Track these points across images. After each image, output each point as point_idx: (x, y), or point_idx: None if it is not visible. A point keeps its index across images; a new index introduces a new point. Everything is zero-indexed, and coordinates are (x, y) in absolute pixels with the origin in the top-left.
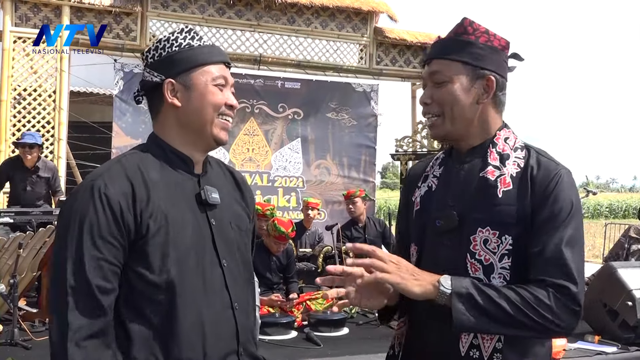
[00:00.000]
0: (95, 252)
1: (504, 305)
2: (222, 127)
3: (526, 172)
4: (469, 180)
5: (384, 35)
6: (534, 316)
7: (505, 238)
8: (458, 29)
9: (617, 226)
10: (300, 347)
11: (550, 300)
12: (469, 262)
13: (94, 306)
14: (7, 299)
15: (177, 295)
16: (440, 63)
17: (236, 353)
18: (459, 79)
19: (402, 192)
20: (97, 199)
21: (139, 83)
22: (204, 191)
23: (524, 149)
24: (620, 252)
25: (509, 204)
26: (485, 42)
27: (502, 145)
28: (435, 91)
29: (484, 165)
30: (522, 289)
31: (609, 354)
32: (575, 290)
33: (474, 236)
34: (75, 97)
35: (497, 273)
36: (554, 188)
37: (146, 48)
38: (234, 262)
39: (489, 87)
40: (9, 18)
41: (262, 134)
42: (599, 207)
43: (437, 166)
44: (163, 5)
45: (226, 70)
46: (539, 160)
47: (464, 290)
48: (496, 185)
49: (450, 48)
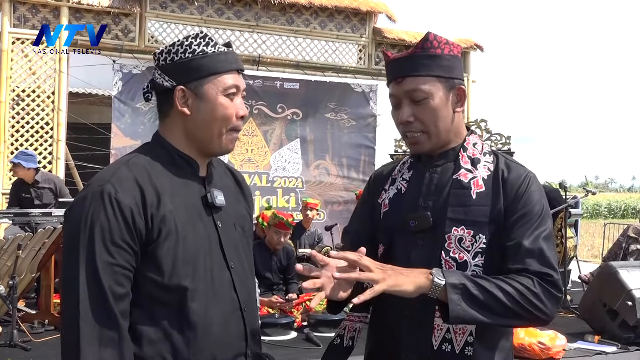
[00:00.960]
0: (108, 258)
1: (498, 294)
2: (231, 140)
3: (497, 174)
4: (442, 182)
5: (382, 35)
6: (525, 304)
7: (479, 237)
8: (424, 44)
9: (616, 226)
10: (300, 348)
11: (536, 287)
12: (443, 260)
13: (108, 313)
14: (6, 300)
15: (187, 298)
16: (415, 80)
17: (244, 355)
18: (437, 94)
19: (365, 195)
20: (108, 204)
21: (148, 81)
22: (210, 194)
23: (492, 154)
24: (618, 251)
25: (482, 204)
26: (449, 53)
27: (472, 150)
28: (415, 109)
29: (456, 168)
30: (509, 278)
31: (608, 354)
32: (557, 276)
33: (449, 234)
34: (73, 98)
35: (470, 270)
36: (526, 189)
37: (159, 49)
38: (240, 264)
39: (460, 96)
40: (7, 19)
41: (261, 135)
42: (598, 207)
43: (406, 170)
44: (162, 6)
45: (239, 78)
46: (507, 164)
47: (458, 281)
48: (470, 187)
49: (422, 64)
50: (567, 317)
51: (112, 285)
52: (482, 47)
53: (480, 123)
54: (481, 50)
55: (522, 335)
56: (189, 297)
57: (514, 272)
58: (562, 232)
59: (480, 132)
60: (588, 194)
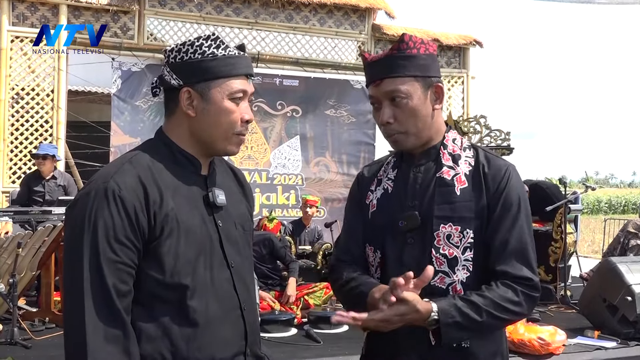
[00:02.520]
0: (112, 255)
1: (484, 319)
2: (236, 143)
3: (478, 169)
4: (426, 181)
5: (381, 32)
6: (509, 316)
7: (467, 232)
8: (401, 45)
9: (617, 222)
10: (300, 345)
11: (519, 296)
12: (434, 257)
13: (112, 310)
14: (6, 298)
15: (187, 296)
16: (393, 81)
17: (243, 354)
18: (416, 93)
19: (354, 196)
20: (112, 201)
21: (157, 77)
22: (211, 193)
23: (471, 148)
24: (616, 246)
25: (467, 200)
26: (425, 52)
27: (452, 146)
28: (395, 110)
29: (438, 166)
30: (493, 292)
31: (608, 349)
32: (536, 279)
33: (437, 232)
34: (73, 96)
35: (461, 265)
36: (507, 183)
37: (170, 46)
38: (241, 263)
39: (438, 93)
40: (6, 17)
41: (260, 132)
42: (598, 203)
43: (391, 169)
44: (160, 4)
45: (247, 83)
46: (487, 157)
47: (451, 320)
48: (453, 184)
49: (399, 65)
50: (567, 313)
51: (116, 282)
52: (482, 43)
53: (480, 119)
54: (480, 46)
55: (521, 331)
56: (189, 295)
57: (498, 275)
58: (562, 228)
59: (480, 128)
60: (588, 190)
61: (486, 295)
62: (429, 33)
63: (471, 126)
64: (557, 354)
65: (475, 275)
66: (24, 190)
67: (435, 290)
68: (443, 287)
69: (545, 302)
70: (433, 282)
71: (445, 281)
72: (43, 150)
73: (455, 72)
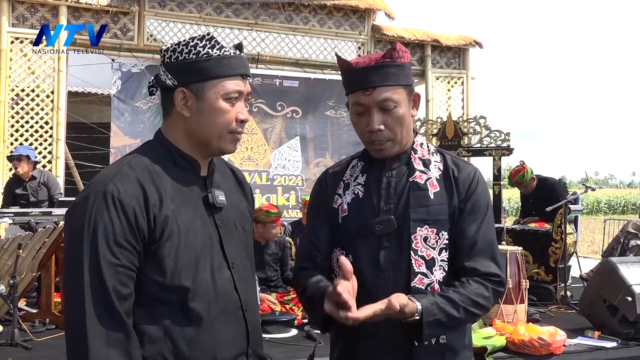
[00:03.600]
0: (112, 259)
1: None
2: (231, 141)
3: (448, 173)
4: (400, 185)
5: (381, 32)
6: (479, 311)
7: (442, 234)
8: (392, 53)
9: (616, 222)
10: (301, 345)
11: (489, 291)
12: (413, 259)
13: (113, 313)
14: (7, 299)
15: (188, 298)
16: (386, 90)
17: (245, 354)
18: (403, 102)
19: (319, 199)
20: (111, 205)
21: (154, 76)
22: (211, 194)
23: (438, 152)
24: (616, 246)
25: (440, 203)
26: (408, 61)
27: (421, 151)
28: (385, 117)
29: (410, 171)
30: (467, 288)
31: (608, 349)
32: (502, 275)
33: (414, 235)
34: (73, 97)
35: (438, 265)
36: (476, 187)
37: (165, 46)
38: (242, 264)
39: (415, 101)
40: (6, 19)
41: (260, 133)
42: (598, 203)
43: (359, 174)
44: (160, 5)
45: (242, 83)
46: (455, 162)
47: (432, 318)
48: (427, 187)
49: (392, 74)
50: (567, 313)
51: (116, 285)
52: (481, 43)
53: (480, 120)
54: (480, 46)
55: (522, 331)
56: (190, 296)
57: (468, 271)
58: (562, 228)
59: (480, 129)
60: (587, 190)
61: (461, 291)
62: (428, 34)
63: (471, 127)
64: (557, 354)
65: (450, 275)
66: (6, 194)
67: (415, 291)
68: (422, 288)
69: (546, 302)
70: (413, 283)
71: (424, 282)
72: (17, 152)
73: (455, 73)
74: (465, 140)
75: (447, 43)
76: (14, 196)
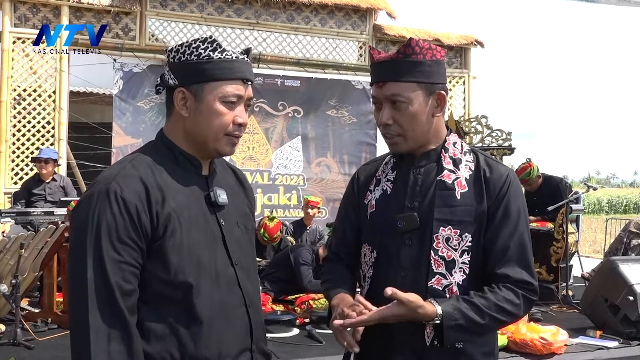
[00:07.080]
0: (115, 255)
1: (486, 321)
2: (227, 143)
3: (479, 174)
4: (426, 183)
5: (383, 32)
6: (507, 318)
7: (466, 236)
8: (407, 49)
9: (618, 221)
10: (302, 345)
11: (519, 299)
12: (432, 259)
13: (116, 310)
14: (9, 299)
15: (192, 295)
16: (396, 85)
17: (250, 350)
18: (417, 99)
19: (351, 195)
20: (114, 202)
21: (160, 75)
22: (213, 192)
23: (471, 152)
24: (619, 246)
25: (467, 204)
26: (432, 58)
27: (453, 150)
28: (395, 113)
29: (439, 169)
30: (496, 295)
31: (610, 349)
32: (535, 284)
33: (437, 235)
34: (74, 97)
35: (458, 268)
36: (508, 189)
37: (170, 47)
38: (245, 261)
39: (440, 101)
40: (7, 19)
41: (262, 132)
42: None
43: (390, 170)
44: (162, 5)
45: (243, 87)
46: (488, 162)
47: (454, 322)
48: (454, 187)
49: (404, 70)
50: (569, 313)
51: (120, 281)
52: (483, 43)
53: (481, 119)
54: (482, 46)
55: (524, 330)
56: (195, 293)
57: (499, 278)
58: (563, 228)
59: (481, 128)
60: (589, 190)
61: (489, 297)
62: (430, 33)
63: (472, 126)
64: (559, 354)
65: (470, 278)
66: (22, 194)
67: (432, 292)
68: (439, 289)
69: (547, 302)
70: (430, 283)
71: (442, 283)
72: (45, 155)
73: (457, 72)
74: (467, 140)
75: (449, 42)
76: (29, 195)
